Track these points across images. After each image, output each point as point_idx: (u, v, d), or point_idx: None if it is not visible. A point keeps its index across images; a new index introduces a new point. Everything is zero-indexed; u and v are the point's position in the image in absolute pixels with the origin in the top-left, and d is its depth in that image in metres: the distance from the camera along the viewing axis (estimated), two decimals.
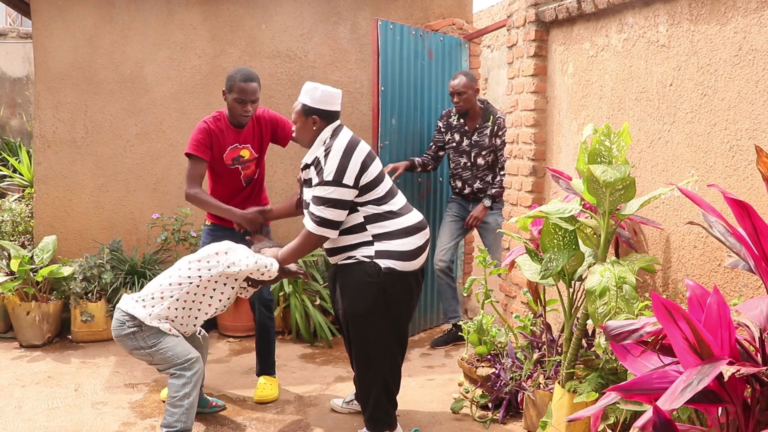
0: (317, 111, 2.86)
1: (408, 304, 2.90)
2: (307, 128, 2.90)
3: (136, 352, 2.86)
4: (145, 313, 2.82)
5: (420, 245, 2.85)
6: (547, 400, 2.90)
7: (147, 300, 2.86)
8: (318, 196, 2.76)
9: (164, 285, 2.87)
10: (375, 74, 4.28)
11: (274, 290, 4.45)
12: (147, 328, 2.81)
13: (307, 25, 4.88)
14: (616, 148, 2.53)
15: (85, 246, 4.78)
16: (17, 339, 4.37)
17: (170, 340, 2.83)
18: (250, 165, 3.46)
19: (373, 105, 4.32)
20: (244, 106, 3.28)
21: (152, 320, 2.82)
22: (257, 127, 3.47)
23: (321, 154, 2.81)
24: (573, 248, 2.74)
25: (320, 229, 2.77)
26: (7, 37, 8.56)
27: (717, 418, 1.78)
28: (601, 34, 3.15)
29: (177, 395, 2.78)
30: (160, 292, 2.86)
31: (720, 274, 2.48)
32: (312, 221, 2.78)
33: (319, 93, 2.86)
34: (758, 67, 2.31)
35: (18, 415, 3.30)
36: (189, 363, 2.82)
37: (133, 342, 2.83)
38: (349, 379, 3.79)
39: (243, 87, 3.25)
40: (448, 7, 5.00)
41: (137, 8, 4.74)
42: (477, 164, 4.34)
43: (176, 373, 2.81)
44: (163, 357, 2.82)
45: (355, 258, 2.81)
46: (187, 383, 2.80)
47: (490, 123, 4.30)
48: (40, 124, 4.75)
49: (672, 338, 1.68)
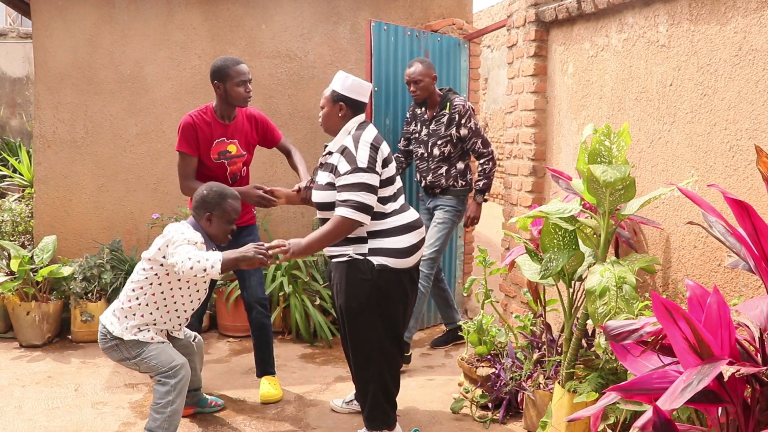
0: (345, 98, 2.89)
1: (402, 301, 2.90)
2: (333, 114, 2.92)
3: (122, 362, 2.86)
4: (121, 328, 2.80)
5: (414, 243, 2.86)
6: (547, 400, 2.90)
7: (119, 312, 2.84)
8: (354, 182, 2.74)
9: (129, 292, 2.84)
10: (368, 75, 4.28)
11: (274, 290, 4.46)
12: (127, 341, 2.80)
13: (307, 25, 4.88)
14: (616, 148, 2.53)
15: (85, 246, 4.79)
16: (17, 339, 4.37)
17: (153, 348, 2.81)
18: (236, 161, 3.44)
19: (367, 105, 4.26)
20: (245, 87, 3.31)
21: (129, 334, 2.80)
22: (247, 125, 3.48)
23: (350, 143, 2.82)
24: (573, 248, 2.74)
25: (358, 214, 2.73)
26: (7, 37, 8.57)
27: (717, 418, 1.78)
28: (601, 34, 3.15)
29: (160, 402, 2.77)
30: (128, 300, 2.83)
31: (720, 274, 2.48)
32: (348, 207, 2.73)
33: (350, 82, 2.90)
34: (758, 67, 2.31)
35: (18, 415, 3.30)
36: (173, 371, 2.79)
37: (118, 354, 2.83)
38: (349, 379, 3.79)
39: (239, 69, 3.28)
40: (448, 7, 5.00)
41: (137, 8, 4.74)
42: (432, 155, 4.08)
43: (161, 380, 2.79)
44: (148, 366, 2.81)
45: (348, 256, 2.82)
46: (171, 391, 2.78)
47: (447, 110, 4.04)
48: (40, 124, 4.75)
49: (672, 338, 1.68)
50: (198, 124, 3.33)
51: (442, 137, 4.04)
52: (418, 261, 2.95)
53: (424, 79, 3.98)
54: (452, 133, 4.02)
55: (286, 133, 4.87)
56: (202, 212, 2.86)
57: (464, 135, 4.02)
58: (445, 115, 4.04)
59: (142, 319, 2.83)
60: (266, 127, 3.57)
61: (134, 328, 2.82)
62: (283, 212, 4.94)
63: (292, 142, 4.87)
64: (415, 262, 2.91)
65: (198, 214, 2.87)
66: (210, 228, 2.86)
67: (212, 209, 2.84)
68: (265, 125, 3.57)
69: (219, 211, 2.84)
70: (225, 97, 3.32)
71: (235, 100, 3.32)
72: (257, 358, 3.60)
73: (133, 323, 2.82)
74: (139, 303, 2.82)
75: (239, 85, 3.28)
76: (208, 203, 2.84)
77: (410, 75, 4.01)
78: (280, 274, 4.50)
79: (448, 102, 4.05)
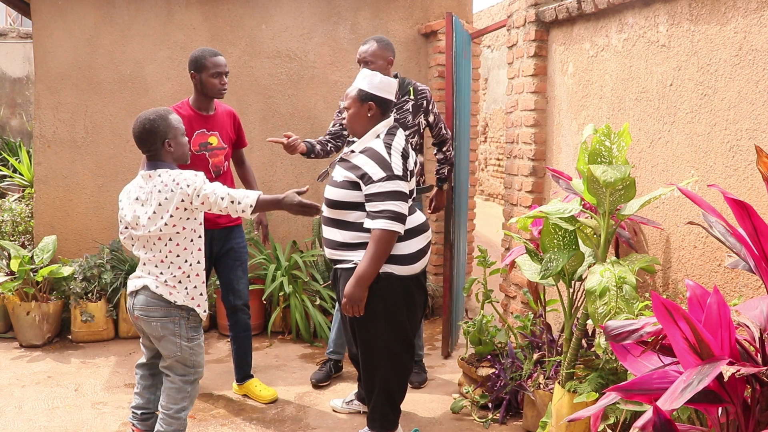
0: (375, 98, 2.77)
1: (410, 307, 2.83)
2: (361, 115, 2.78)
3: (165, 340, 2.62)
4: (184, 297, 2.61)
5: (421, 248, 2.80)
6: (547, 400, 2.90)
7: (172, 280, 2.61)
8: (390, 190, 2.63)
9: (174, 258, 2.60)
10: (449, 75, 3.87)
11: (274, 290, 4.46)
12: (193, 316, 2.65)
13: (308, 25, 4.88)
14: (616, 149, 2.53)
15: (85, 246, 4.79)
16: (17, 339, 4.38)
17: (202, 341, 2.71)
18: (218, 153, 3.43)
19: (447, 106, 3.92)
20: (221, 79, 3.32)
21: (195, 305, 2.63)
22: (227, 120, 3.51)
23: (380, 147, 2.70)
24: (573, 248, 2.74)
25: (396, 224, 2.63)
26: (7, 37, 8.57)
27: (717, 418, 1.78)
28: (601, 34, 3.15)
29: (173, 407, 2.66)
30: (177, 268, 2.61)
31: (720, 274, 2.48)
32: (385, 218, 2.61)
33: (377, 79, 2.77)
34: (758, 67, 2.31)
35: (18, 415, 3.30)
36: (199, 376, 2.72)
37: (171, 328, 2.61)
38: (349, 379, 3.79)
39: (215, 61, 3.31)
40: (448, 7, 5.00)
41: (137, 8, 4.74)
42: None
43: (182, 380, 2.67)
44: (189, 357, 2.65)
45: (352, 262, 2.74)
46: (186, 397, 2.69)
47: (412, 96, 3.60)
48: (40, 124, 4.75)
49: (672, 338, 1.68)
50: None
51: (409, 127, 3.59)
52: (426, 265, 2.89)
53: (377, 60, 3.46)
54: (420, 121, 3.64)
55: None
56: (158, 143, 2.59)
57: (432, 121, 3.69)
58: (409, 101, 3.61)
59: (195, 290, 2.64)
60: (240, 128, 3.63)
61: (193, 299, 2.63)
62: (282, 212, 4.92)
63: None
64: (423, 267, 2.85)
65: (156, 149, 2.60)
66: (174, 152, 2.64)
67: (166, 134, 2.59)
68: (240, 126, 3.63)
69: (171, 132, 2.61)
70: (201, 88, 3.34)
71: (210, 91, 3.33)
72: (242, 360, 3.58)
73: (191, 291, 2.62)
74: (190, 264, 2.62)
75: (214, 77, 3.30)
76: (157, 131, 2.58)
77: (363, 54, 3.48)
78: (281, 274, 4.50)
79: (411, 87, 3.62)
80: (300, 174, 4.90)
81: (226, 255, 3.49)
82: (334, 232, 2.80)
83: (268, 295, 4.47)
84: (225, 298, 3.54)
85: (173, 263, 2.61)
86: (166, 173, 2.58)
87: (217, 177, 3.42)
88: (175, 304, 2.61)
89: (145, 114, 2.62)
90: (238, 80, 4.81)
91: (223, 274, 3.52)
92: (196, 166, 3.36)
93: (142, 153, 2.66)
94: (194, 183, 2.56)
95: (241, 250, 3.52)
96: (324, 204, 2.85)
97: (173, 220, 2.55)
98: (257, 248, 4.74)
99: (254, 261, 4.54)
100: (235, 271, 3.50)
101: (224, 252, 3.48)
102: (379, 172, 2.65)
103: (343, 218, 2.75)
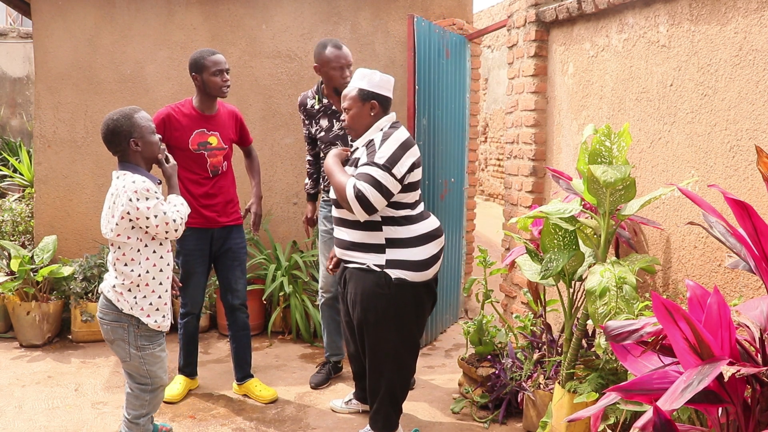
0: (376, 96, 2.75)
1: (419, 313, 2.82)
2: (363, 114, 2.76)
3: (115, 344, 2.61)
4: (131, 305, 2.56)
5: (434, 254, 2.78)
6: (547, 400, 2.90)
7: (120, 287, 2.57)
8: (365, 173, 2.60)
9: (121, 267, 2.56)
10: (411, 73, 3.94)
11: (274, 290, 4.46)
12: (143, 324, 2.58)
13: (308, 25, 4.88)
14: (616, 149, 2.53)
15: (85, 246, 4.79)
16: (17, 339, 4.37)
17: (159, 351, 2.65)
18: (217, 153, 3.42)
19: (409, 104, 4.00)
20: (222, 77, 3.32)
21: (144, 315, 2.58)
22: (230, 121, 3.51)
23: (377, 137, 2.69)
24: (573, 248, 2.74)
25: (354, 201, 2.58)
26: (7, 37, 8.57)
27: (717, 418, 1.78)
28: (601, 34, 3.15)
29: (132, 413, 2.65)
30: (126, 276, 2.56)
31: (720, 275, 2.48)
32: (352, 191, 2.58)
33: (377, 78, 2.75)
34: (759, 67, 2.31)
35: (18, 415, 3.30)
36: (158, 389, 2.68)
37: (120, 333, 2.59)
38: (349, 379, 3.79)
39: (214, 59, 3.31)
40: (448, 7, 5.00)
41: (137, 8, 4.74)
42: None
43: (138, 390, 2.65)
44: (144, 366, 2.62)
45: (366, 265, 2.73)
46: (145, 404, 2.65)
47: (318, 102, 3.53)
48: (40, 124, 4.75)
49: (672, 338, 1.68)
50: (173, 115, 3.35)
51: (340, 137, 3.47)
52: (438, 270, 2.87)
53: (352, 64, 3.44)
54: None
55: (286, 133, 4.88)
56: (123, 143, 2.53)
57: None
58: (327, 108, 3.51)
59: (144, 300, 2.57)
60: (243, 127, 3.64)
61: (143, 309, 2.57)
62: (283, 212, 4.93)
63: (293, 143, 4.88)
64: (435, 273, 2.84)
65: (122, 149, 2.54)
66: (143, 151, 2.57)
67: (130, 133, 2.52)
68: (243, 125, 3.64)
69: (137, 131, 2.54)
70: (203, 88, 3.34)
71: (213, 90, 3.33)
72: (241, 360, 3.58)
73: (140, 301, 2.56)
74: (139, 275, 2.55)
75: (215, 75, 3.30)
76: (121, 131, 2.52)
77: (346, 58, 3.38)
78: (281, 274, 4.50)
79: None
80: (300, 174, 4.90)
81: (224, 255, 3.49)
82: (345, 232, 2.80)
83: (268, 295, 4.47)
84: (223, 298, 3.55)
85: (122, 272, 2.56)
86: (126, 177, 2.51)
87: (214, 176, 3.43)
88: (122, 311, 2.57)
89: (109, 114, 2.57)
90: (239, 80, 4.80)
91: (222, 273, 3.52)
92: (194, 165, 3.38)
93: (113, 155, 2.60)
94: (143, 198, 2.46)
95: (239, 250, 3.53)
96: (333, 204, 2.84)
97: (118, 228, 2.51)
98: (257, 248, 4.74)
99: (254, 261, 4.55)
100: (233, 270, 3.50)
101: (223, 251, 3.49)
102: (364, 158, 2.67)
103: (355, 218, 2.74)
